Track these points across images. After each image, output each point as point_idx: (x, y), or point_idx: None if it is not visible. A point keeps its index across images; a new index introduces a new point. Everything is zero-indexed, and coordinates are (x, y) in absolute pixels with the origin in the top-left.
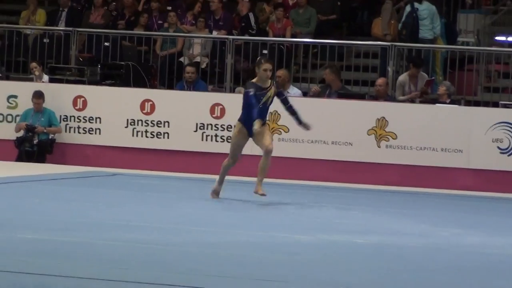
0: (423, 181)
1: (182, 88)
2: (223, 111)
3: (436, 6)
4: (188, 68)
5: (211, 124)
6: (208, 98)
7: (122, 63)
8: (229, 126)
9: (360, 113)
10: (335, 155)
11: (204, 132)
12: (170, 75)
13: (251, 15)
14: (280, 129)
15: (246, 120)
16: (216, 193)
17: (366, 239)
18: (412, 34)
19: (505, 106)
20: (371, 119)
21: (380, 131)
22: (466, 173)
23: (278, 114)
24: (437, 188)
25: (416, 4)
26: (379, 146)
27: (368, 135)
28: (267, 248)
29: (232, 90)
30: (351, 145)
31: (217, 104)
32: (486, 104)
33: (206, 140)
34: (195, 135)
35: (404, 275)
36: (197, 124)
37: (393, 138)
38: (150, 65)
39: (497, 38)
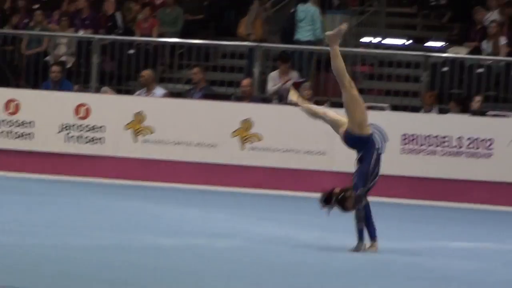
0: (287, 183)
1: (47, 88)
2: (88, 112)
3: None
4: (54, 68)
5: (75, 125)
6: (73, 98)
7: None
8: (95, 127)
9: (225, 114)
10: (199, 157)
11: (69, 133)
12: (36, 75)
13: (118, 15)
14: (143, 131)
15: None
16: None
17: (227, 243)
18: (285, 35)
19: (370, 108)
20: (236, 121)
21: (245, 133)
22: (329, 175)
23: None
24: (300, 191)
25: (299, 6)
26: (243, 148)
27: (233, 136)
28: (126, 250)
29: (98, 90)
30: (215, 147)
31: (82, 105)
32: None
33: (70, 141)
34: (59, 136)
35: (264, 276)
36: (62, 124)
37: (258, 140)
38: (15, 64)
39: (363, 39)
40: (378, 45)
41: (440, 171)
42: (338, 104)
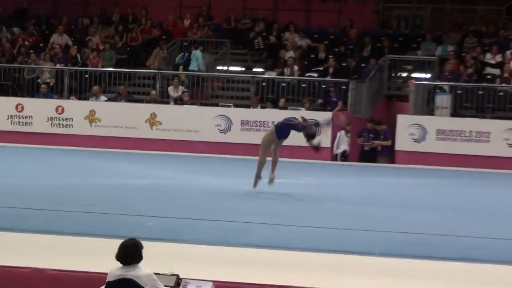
0: (180, 148)
1: (39, 97)
2: (63, 110)
3: None
4: (42, 85)
5: (56, 117)
6: (54, 102)
7: None
8: (67, 119)
9: (141, 110)
10: (127, 134)
11: (53, 122)
12: (32, 90)
13: (78, 56)
14: (94, 120)
15: None
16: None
17: (144, 181)
18: (185, 67)
19: (221, 105)
20: (147, 114)
21: (153, 120)
22: (200, 144)
23: None
24: (186, 152)
25: (193, 51)
26: (152, 129)
27: (146, 122)
28: (85, 187)
29: (68, 98)
30: (136, 128)
31: (59, 106)
32: None
33: (53, 126)
34: (46, 123)
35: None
36: (48, 117)
37: (160, 124)
38: (20, 84)
39: (218, 67)
40: (226, 71)
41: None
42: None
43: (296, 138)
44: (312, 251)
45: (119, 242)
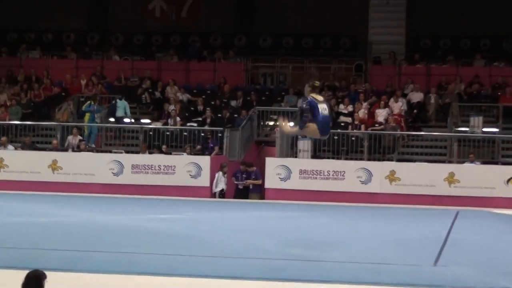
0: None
1: None
2: None
3: None
4: None
5: None
6: None
7: None
8: None
9: (40, 156)
10: (29, 178)
11: None
12: None
13: None
14: (3, 166)
15: None
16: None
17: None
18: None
19: None
20: (50, 159)
21: (55, 166)
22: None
23: None
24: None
25: (117, 100)
26: (53, 173)
27: (48, 168)
28: None
29: None
30: (37, 174)
31: None
32: None
33: None
34: None
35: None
36: None
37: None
38: None
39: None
40: (119, 122)
41: (144, 181)
42: None
43: (180, 178)
44: (194, 277)
45: (24, 273)
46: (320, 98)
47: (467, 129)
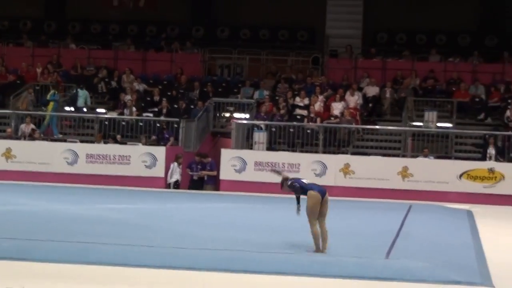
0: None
1: None
2: None
3: None
4: None
5: None
6: None
7: None
8: None
9: None
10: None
11: None
12: None
13: None
14: None
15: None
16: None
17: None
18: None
19: None
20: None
21: (8, 154)
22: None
23: None
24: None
25: (79, 90)
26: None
27: (1, 156)
28: None
29: None
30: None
31: None
32: None
33: None
34: None
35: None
36: None
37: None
38: None
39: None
40: (74, 111)
41: (99, 171)
42: None
43: (135, 168)
44: (146, 267)
45: None
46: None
47: (421, 123)
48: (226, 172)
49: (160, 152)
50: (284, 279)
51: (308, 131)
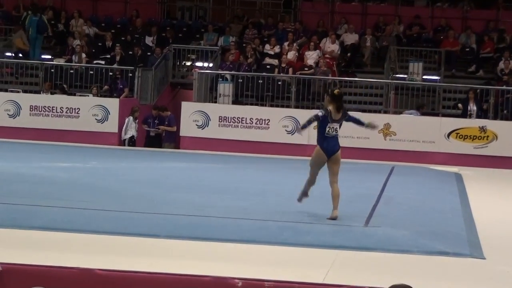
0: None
1: None
2: None
3: None
4: None
5: None
6: None
7: None
8: None
9: None
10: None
11: None
12: None
13: None
14: None
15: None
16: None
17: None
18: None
19: None
20: None
21: None
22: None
23: None
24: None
25: None
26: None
27: None
28: None
29: None
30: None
31: None
32: None
33: None
34: None
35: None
36: None
37: None
38: None
39: None
40: (16, 57)
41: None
42: None
43: (85, 122)
44: (97, 233)
45: None
46: (337, 116)
47: (405, 76)
48: (187, 128)
49: (113, 104)
50: (250, 248)
51: (279, 82)
